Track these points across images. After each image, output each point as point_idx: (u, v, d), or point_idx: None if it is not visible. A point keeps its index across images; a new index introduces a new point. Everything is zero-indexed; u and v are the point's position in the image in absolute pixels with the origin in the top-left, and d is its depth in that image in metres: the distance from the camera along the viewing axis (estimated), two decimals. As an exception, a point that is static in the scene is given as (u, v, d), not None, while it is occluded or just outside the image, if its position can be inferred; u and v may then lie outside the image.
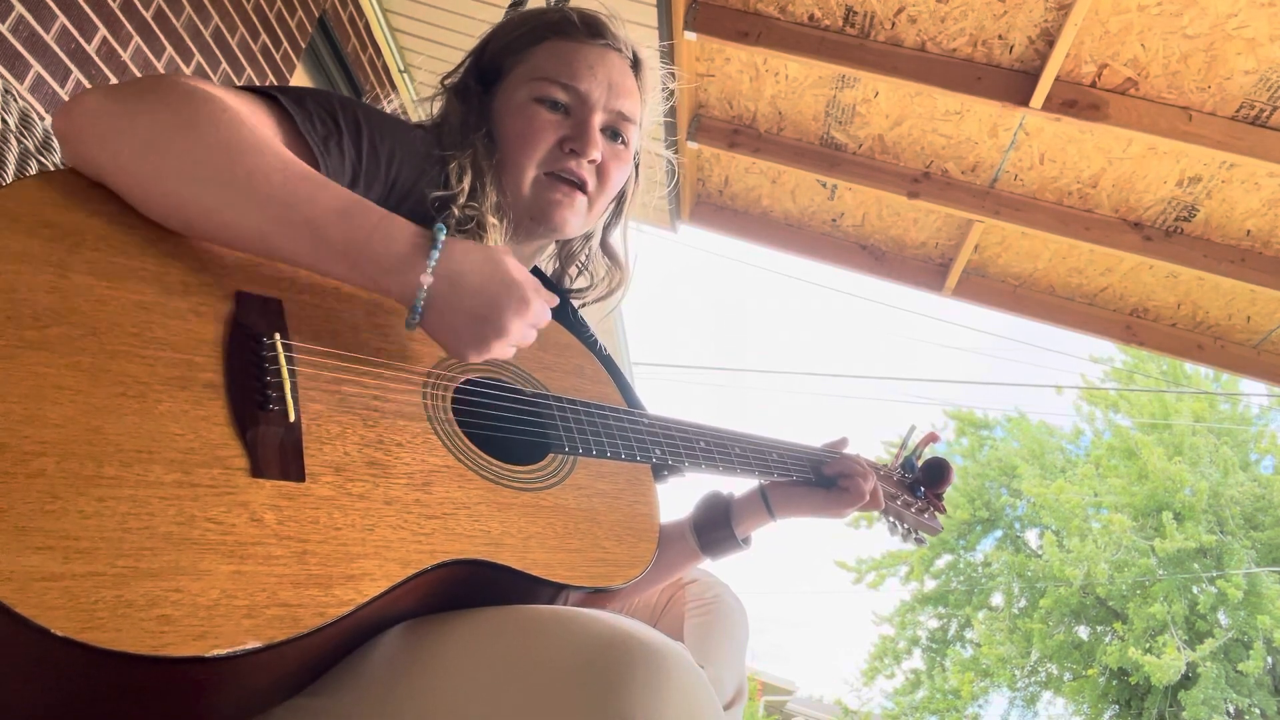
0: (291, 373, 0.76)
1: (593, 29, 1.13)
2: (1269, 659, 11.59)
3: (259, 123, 0.83)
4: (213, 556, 0.62)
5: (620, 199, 1.24)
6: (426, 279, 0.78)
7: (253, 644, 0.60)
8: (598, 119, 1.10)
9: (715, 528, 1.19)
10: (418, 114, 1.20)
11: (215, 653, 0.58)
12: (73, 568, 0.56)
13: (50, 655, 0.55)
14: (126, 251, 0.72)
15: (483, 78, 1.16)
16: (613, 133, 1.13)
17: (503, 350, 0.84)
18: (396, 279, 0.79)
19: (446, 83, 1.18)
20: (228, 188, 0.73)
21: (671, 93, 1.30)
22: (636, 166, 1.24)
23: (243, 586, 0.62)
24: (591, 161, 1.10)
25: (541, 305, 0.86)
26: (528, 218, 1.11)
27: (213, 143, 0.74)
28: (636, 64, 1.17)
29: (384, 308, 0.88)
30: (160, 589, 0.59)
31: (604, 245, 1.28)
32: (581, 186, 1.11)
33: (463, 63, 1.20)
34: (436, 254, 0.80)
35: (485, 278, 0.82)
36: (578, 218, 1.12)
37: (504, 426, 0.91)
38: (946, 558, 14.82)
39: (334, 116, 0.89)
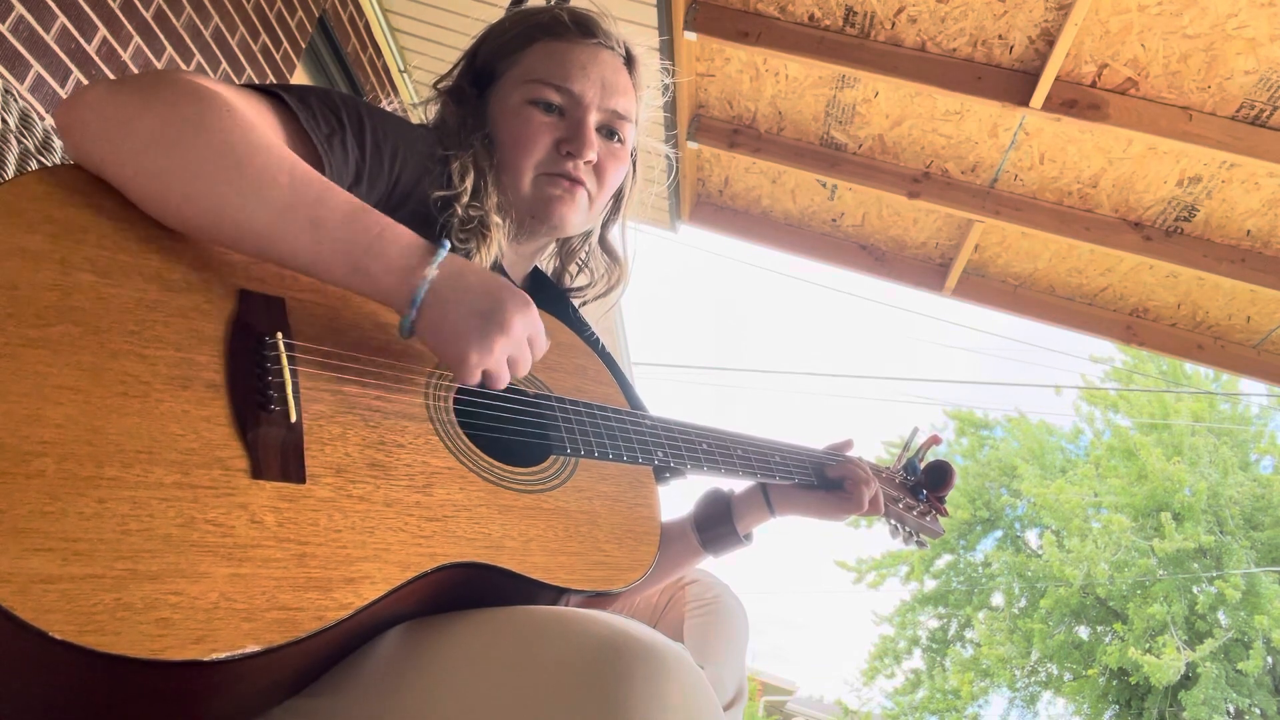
0: (293, 373, 0.76)
1: (584, 28, 1.13)
2: (1269, 659, 11.59)
3: (262, 122, 0.82)
4: (212, 559, 0.62)
5: (619, 196, 1.24)
6: (431, 271, 0.78)
7: (252, 647, 0.60)
8: (593, 119, 1.10)
9: (716, 524, 1.19)
10: (416, 117, 1.19)
11: (214, 656, 0.58)
12: (71, 570, 0.56)
13: (49, 658, 0.55)
14: (129, 248, 0.72)
15: (476, 81, 1.16)
16: (609, 131, 1.13)
17: (505, 349, 0.80)
18: (399, 276, 0.77)
19: (440, 87, 1.18)
20: (233, 187, 0.72)
21: (667, 87, 1.29)
22: (634, 163, 1.24)
23: (242, 589, 0.62)
24: (588, 162, 1.10)
25: (537, 316, 0.85)
26: (529, 217, 1.11)
27: (220, 142, 0.73)
28: (630, 60, 1.17)
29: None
30: (159, 592, 0.58)
31: (602, 242, 1.28)
32: (580, 185, 1.10)
33: (455, 66, 1.19)
34: (444, 253, 0.80)
35: (487, 280, 0.82)
36: (578, 214, 1.12)
37: (506, 428, 0.91)
38: (946, 558, 14.82)
39: (337, 114, 0.89)
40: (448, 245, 0.81)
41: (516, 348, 0.82)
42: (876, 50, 2.98)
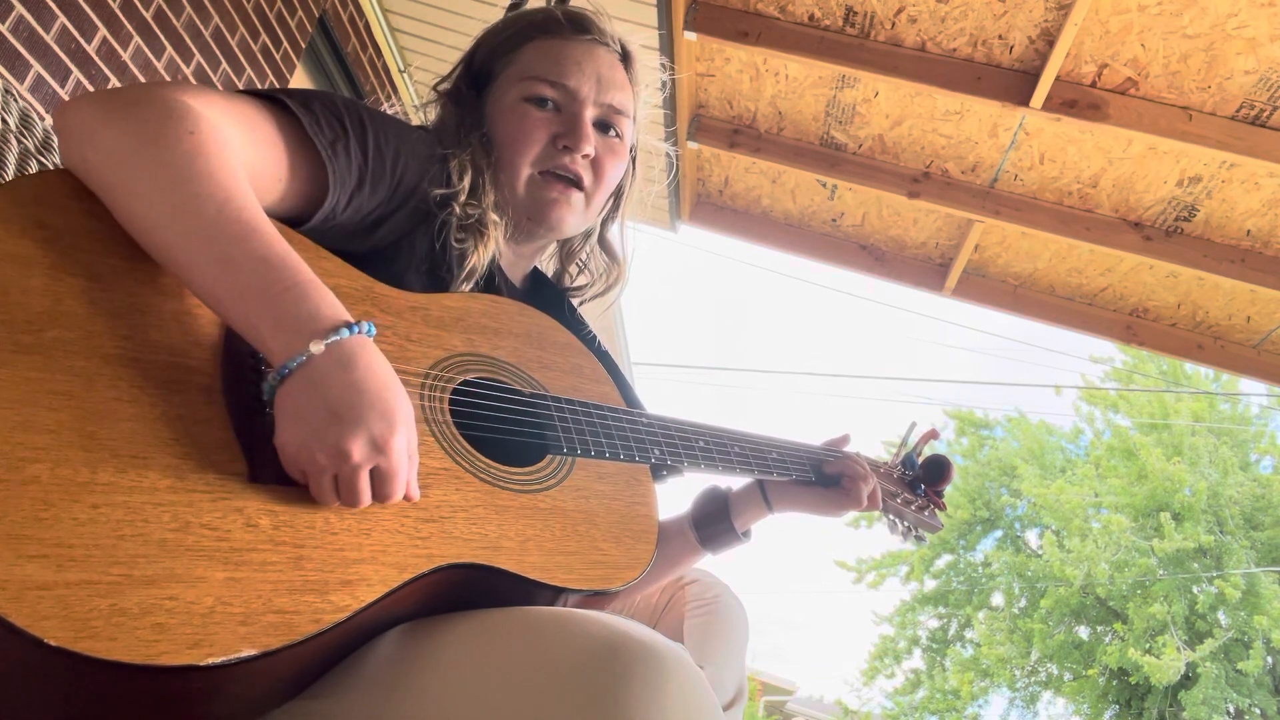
0: None
1: (578, 25, 1.13)
2: (1269, 659, 11.58)
3: (257, 134, 0.82)
4: (208, 563, 0.62)
5: (618, 193, 1.24)
6: (317, 347, 0.69)
7: (248, 651, 0.60)
8: (589, 113, 1.10)
9: (714, 522, 1.19)
10: (417, 120, 1.20)
11: (210, 661, 0.58)
12: (66, 576, 0.56)
13: (45, 664, 0.55)
14: (121, 253, 0.72)
15: (474, 82, 1.16)
16: (605, 126, 1.13)
17: (328, 468, 0.68)
18: (286, 339, 0.69)
19: (440, 89, 1.18)
20: (157, 209, 0.71)
21: (665, 84, 1.29)
22: (634, 160, 1.24)
23: (238, 593, 0.61)
24: (586, 156, 1.10)
25: (401, 460, 0.71)
26: (525, 218, 1.11)
27: (162, 164, 0.71)
28: (626, 57, 1.17)
29: (380, 306, 0.87)
30: (155, 597, 0.58)
31: (601, 240, 1.28)
32: (577, 183, 1.10)
33: (454, 69, 1.20)
34: (347, 334, 0.71)
35: (376, 387, 0.70)
36: (575, 216, 1.12)
37: (502, 428, 0.91)
38: (946, 558, 14.81)
39: (340, 120, 0.89)
40: (368, 331, 0.73)
41: (353, 470, 0.69)
42: (876, 50, 2.98)
